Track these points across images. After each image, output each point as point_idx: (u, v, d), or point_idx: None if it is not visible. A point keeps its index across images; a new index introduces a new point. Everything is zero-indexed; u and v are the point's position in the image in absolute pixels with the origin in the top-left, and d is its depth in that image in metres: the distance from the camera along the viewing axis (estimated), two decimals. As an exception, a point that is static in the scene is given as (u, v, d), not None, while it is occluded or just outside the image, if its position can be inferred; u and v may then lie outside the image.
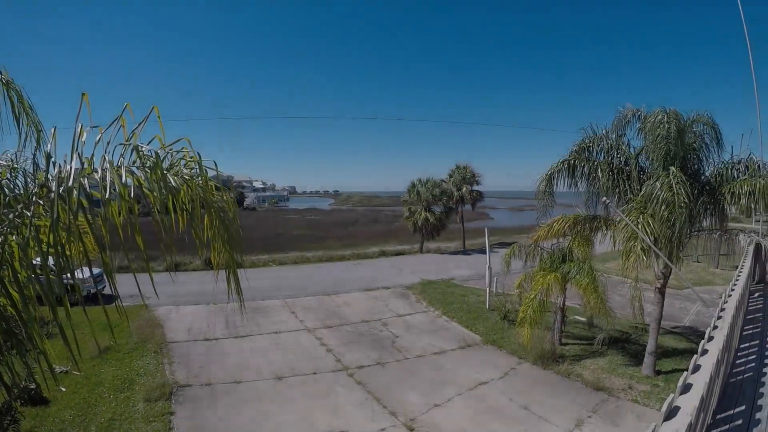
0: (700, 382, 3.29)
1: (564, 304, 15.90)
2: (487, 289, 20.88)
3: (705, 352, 3.92)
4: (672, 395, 2.87)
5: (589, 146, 12.63)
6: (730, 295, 6.13)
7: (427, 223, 37.84)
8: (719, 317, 5.10)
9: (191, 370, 13.30)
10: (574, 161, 12.29)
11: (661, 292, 12.30)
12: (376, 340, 16.28)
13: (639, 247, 10.35)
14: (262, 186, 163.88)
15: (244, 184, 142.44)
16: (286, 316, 18.89)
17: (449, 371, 13.86)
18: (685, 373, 3.23)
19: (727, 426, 4.90)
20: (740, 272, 8.01)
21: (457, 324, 18.49)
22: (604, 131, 12.68)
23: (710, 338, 4.32)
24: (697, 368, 3.55)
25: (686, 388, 3.20)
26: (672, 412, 2.87)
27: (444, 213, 39.66)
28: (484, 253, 22.37)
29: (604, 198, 11.78)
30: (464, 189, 40.53)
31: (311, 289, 23.47)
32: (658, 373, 13.24)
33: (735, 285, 6.83)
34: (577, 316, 18.58)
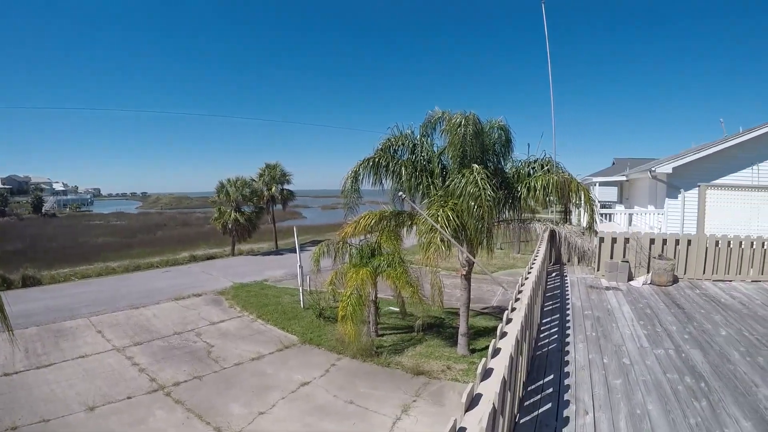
0: (500, 365, 3.36)
1: (376, 296, 16.24)
2: (300, 289, 20.77)
3: (504, 334, 4.03)
4: (471, 384, 2.82)
5: (395, 145, 12.95)
6: (527, 277, 6.51)
7: (238, 224, 36.76)
8: (517, 299, 5.34)
9: (-9, 416, 11.38)
10: (379, 159, 12.53)
11: (467, 278, 13.03)
12: (191, 352, 15.34)
13: (438, 239, 10.84)
14: (63, 189, 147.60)
15: (43, 186, 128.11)
16: (93, 336, 16.97)
17: (270, 376, 13.50)
18: (484, 359, 3.25)
19: (539, 396, 5.25)
20: (536, 256, 8.68)
21: (273, 326, 18.10)
22: (409, 131, 13.08)
23: (509, 320, 4.46)
24: (497, 351, 3.62)
25: (487, 373, 3.23)
26: (474, 401, 2.87)
27: (254, 213, 38.85)
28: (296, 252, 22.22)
29: (400, 192, 12.21)
30: (274, 188, 40.01)
31: (118, 303, 21.43)
32: (473, 351, 14.16)
33: (531, 267, 7.33)
34: (391, 307, 19.14)
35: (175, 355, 15.14)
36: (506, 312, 4.71)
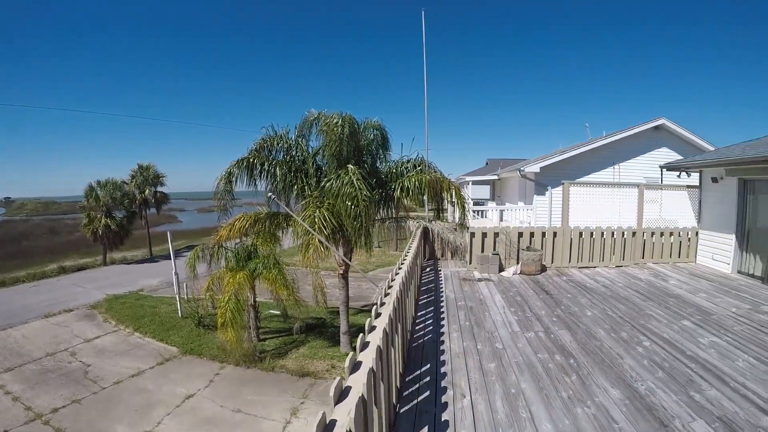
0: (369, 358, 3.42)
1: (255, 300, 15.91)
2: (177, 297, 19.91)
3: (373, 328, 4.05)
4: (339, 378, 2.77)
5: (270, 145, 12.66)
6: (397, 273, 6.56)
7: (109, 230, 34.41)
8: (387, 294, 5.36)
9: None
10: (254, 160, 12.20)
11: (344, 277, 13.03)
12: (67, 374, 14.16)
13: (317, 240, 10.76)
14: None
15: None
16: (-44, 366, 15.33)
17: (153, 392, 12.85)
18: (352, 353, 3.23)
19: (417, 385, 5.34)
20: (407, 252, 8.80)
21: (152, 339, 17.19)
22: (284, 131, 12.82)
23: (378, 314, 4.48)
24: (365, 345, 3.64)
25: (356, 366, 3.24)
26: (343, 394, 2.89)
27: (127, 218, 36.52)
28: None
29: (270, 194, 12.01)
30: (148, 191, 38.11)
31: (-19, 327, 19.50)
32: (354, 348, 14.09)
33: (402, 263, 7.38)
34: (271, 310, 18.83)
35: (50, 378, 13.95)
36: (374, 307, 4.70)
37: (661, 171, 16.32)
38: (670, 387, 5.54)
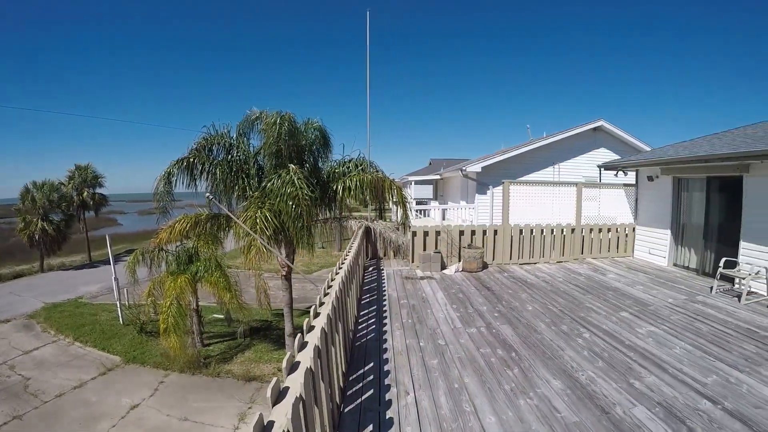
0: (307, 357, 3.36)
1: (198, 304, 15.61)
2: (118, 303, 19.31)
3: (311, 328, 4.03)
4: (276, 378, 2.74)
5: (211, 145, 12.40)
6: (338, 272, 6.54)
7: (46, 234, 32.90)
8: (326, 293, 5.33)
9: None
10: (194, 159, 11.92)
11: (287, 278, 12.89)
12: (6, 389, 13.48)
13: (259, 241, 10.63)
14: None
15: None
16: None
17: (97, 403, 12.42)
18: (290, 353, 3.20)
19: (361, 384, 5.34)
20: (348, 252, 8.79)
21: (93, 348, 16.58)
22: (225, 130, 12.58)
23: (317, 314, 4.47)
24: (303, 345, 3.60)
25: (293, 366, 3.21)
26: (281, 394, 2.83)
27: (64, 222, 34.95)
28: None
29: (208, 194, 11.80)
30: (86, 193, 36.80)
31: None
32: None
33: (343, 263, 7.36)
34: (215, 315, 18.55)
35: (-11, 394, 13.33)
36: (313, 307, 4.68)
37: (600, 170, 16.83)
38: (611, 375, 5.71)
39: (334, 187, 12.13)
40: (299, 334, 3.78)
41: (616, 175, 15.72)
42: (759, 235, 10.26)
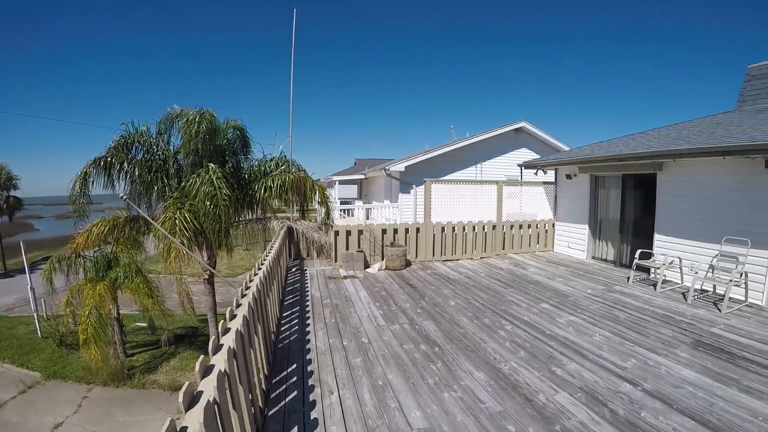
0: (221, 360, 3.27)
1: (119, 313, 15.10)
2: (35, 315, 18.39)
3: (227, 330, 3.98)
4: (187, 383, 2.68)
5: (130, 143, 11.99)
6: (256, 273, 6.48)
7: (-46, 242, 30.31)
8: (244, 295, 5.27)
9: None
10: (112, 159, 11.48)
11: (210, 282, 12.63)
12: None
13: (176, 244, 10.39)
14: None
15: None
16: None
17: (18, 424, 11.73)
18: (203, 356, 3.15)
19: (284, 386, 5.29)
20: (269, 252, 8.71)
21: (11, 365, 15.62)
22: (145, 127, 12.19)
23: (233, 316, 4.40)
24: (218, 348, 3.54)
25: (208, 370, 3.13)
26: (195, 399, 2.71)
27: (-24, 227, 32.35)
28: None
29: (122, 195, 11.42)
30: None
31: None
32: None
33: (262, 263, 7.32)
34: (138, 323, 17.98)
35: None
36: (229, 309, 4.60)
37: (521, 169, 17.33)
38: (533, 365, 5.87)
39: (256, 187, 12.01)
40: (213, 337, 3.73)
41: (536, 173, 16.25)
42: (672, 228, 10.95)
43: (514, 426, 4.39)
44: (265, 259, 7.77)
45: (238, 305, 4.89)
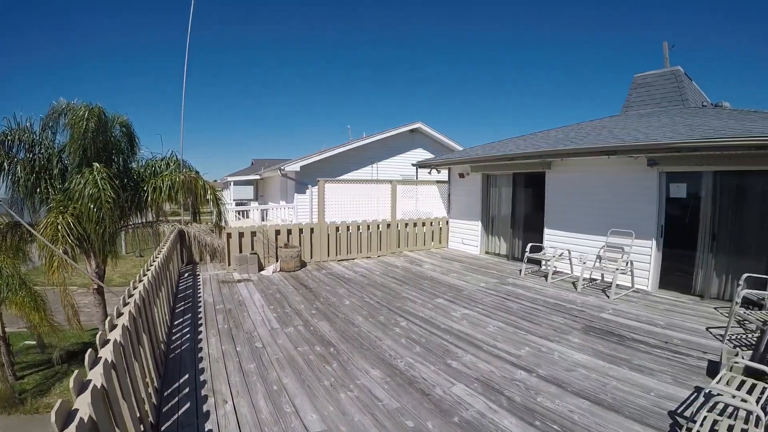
0: (98, 374, 3.06)
1: (4, 331, 14.15)
2: None
3: (106, 342, 3.74)
4: (60, 400, 2.52)
5: (12, 140, 11.19)
6: (141, 281, 6.25)
7: None
8: (126, 303, 5.07)
9: None
10: (-10, 157, 10.71)
11: (100, 292, 12.12)
12: None
13: (61, 250, 9.86)
14: None
15: None
16: None
17: None
18: (77, 371, 2.96)
19: (177, 398, 5.12)
20: (156, 257, 8.40)
21: None
22: (28, 123, 11.39)
23: (113, 326, 4.18)
24: (96, 361, 3.31)
25: (84, 386, 2.89)
26: (70, 417, 2.45)
27: None
28: None
29: None
30: None
31: None
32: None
33: (148, 269, 7.08)
34: (26, 341, 16.93)
35: None
36: (109, 318, 4.38)
37: (416, 169, 17.83)
38: (428, 359, 6.04)
39: (145, 187, 11.64)
40: (90, 350, 3.51)
41: (429, 172, 16.80)
42: (561, 223, 11.80)
43: (412, 421, 4.50)
44: (151, 265, 7.55)
45: (120, 314, 4.68)
